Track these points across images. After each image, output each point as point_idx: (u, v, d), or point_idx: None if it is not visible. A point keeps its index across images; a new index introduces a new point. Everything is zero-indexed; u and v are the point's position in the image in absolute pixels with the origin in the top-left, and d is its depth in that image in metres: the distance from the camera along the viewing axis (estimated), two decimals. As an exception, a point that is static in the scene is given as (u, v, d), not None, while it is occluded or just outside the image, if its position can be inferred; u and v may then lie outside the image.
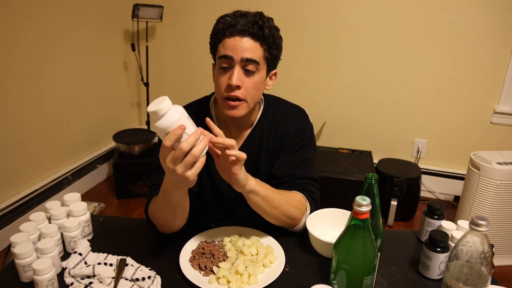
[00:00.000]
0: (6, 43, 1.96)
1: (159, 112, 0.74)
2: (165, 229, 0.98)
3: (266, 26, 0.96)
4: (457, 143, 2.58)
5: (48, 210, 0.99)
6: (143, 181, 2.61)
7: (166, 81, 3.02)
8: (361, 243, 0.72)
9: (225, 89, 0.97)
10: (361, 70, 2.60)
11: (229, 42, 0.95)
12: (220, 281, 0.85)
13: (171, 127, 0.74)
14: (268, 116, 1.11)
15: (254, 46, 0.96)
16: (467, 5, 2.29)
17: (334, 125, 2.70)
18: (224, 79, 0.97)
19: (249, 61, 0.95)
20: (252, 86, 0.98)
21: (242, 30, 0.95)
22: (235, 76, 0.95)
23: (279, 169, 1.08)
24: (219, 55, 0.97)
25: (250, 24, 0.94)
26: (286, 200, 0.98)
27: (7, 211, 2.04)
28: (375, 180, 0.79)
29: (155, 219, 0.97)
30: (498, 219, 1.91)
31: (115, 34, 2.82)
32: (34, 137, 2.20)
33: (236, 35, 0.95)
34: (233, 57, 0.95)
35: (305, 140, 1.11)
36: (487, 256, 0.69)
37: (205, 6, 2.74)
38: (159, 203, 0.91)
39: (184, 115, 0.76)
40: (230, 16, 0.97)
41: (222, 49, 0.97)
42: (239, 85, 0.95)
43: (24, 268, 0.83)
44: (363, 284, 0.74)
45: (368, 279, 0.74)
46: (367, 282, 0.74)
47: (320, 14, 2.53)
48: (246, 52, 0.95)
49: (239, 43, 0.95)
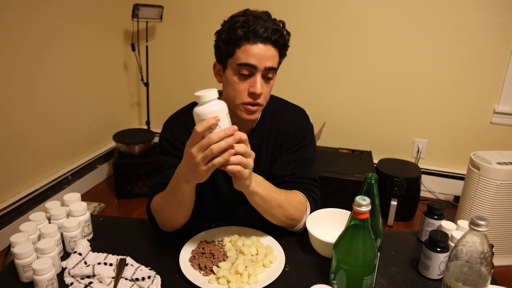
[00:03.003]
0: (6, 42, 1.96)
1: (201, 99, 0.77)
2: (167, 225, 0.98)
3: (284, 31, 0.97)
4: (457, 143, 2.58)
5: (48, 210, 0.99)
6: (143, 181, 2.61)
7: (166, 81, 3.03)
8: (361, 243, 0.72)
9: (246, 96, 0.97)
10: (361, 70, 2.60)
11: (252, 49, 0.93)
12: (220, 281, 0.85)
13: (206, 116, 0.77)
14: (268, 116, 1.11)
15: (274, 54, 0.96)
16: (467, 5, 2.29)
17: (334, 125, 2.71)
18: (244, 85, 0.96)
19: (271, 69, 0.96)
20: (268, 91, 1.01)
21: (266, 38, 0.93)
22: (259, 85, 0.95)
23: (279, 169, 1.09)
24: (240, 62, 0.94)
25: (271, 31, 0.93)
26: (287, 200, 0.98)
27: (7, 211, 2.04)
28: (375, 180, 0.79)
29: (158, 214, 0.97)
30: (498, 219, 1.91)
31: (115, 34, 2.82)
32: (34, 137, 2.20)
33: (259, 42, 0.93)
34: (257, 66, 0.94)
35: (306, 140, 1.11)
36: (487, 256, 0.69)
37: (205, 6, 2.74)
38: (165, 197, 0.93)
39: (223, 111, 0.78)
40: (244, 18, 0.94)
41: (243, 56, 0.93)
42: (262, 93, 0.96)
43: (24, 268, 0.83)
44: (363, 284, 0.74)
45: (368, 279, 0.74)
46: (367, 282, 0.74)
47: (320, 14, 2.53)
48: (269, 60, 0.94)
49: (263, 52, 0.93)
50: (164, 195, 0.94)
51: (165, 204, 0.94)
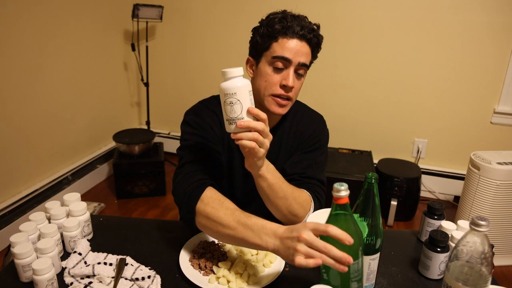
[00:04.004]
0: (5, 42, 1.96)
1: (226, 74, 0.81)
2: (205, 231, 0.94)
3: (318, 33, 1.02)
4: (457, 143, 2.58)
5: (48, 210, 0.99)
6: (143, 181, 2.61)
7: (166, 81, 3.03)
8: (345, 228, 0.72)
9: (277, 88, 1.00)
10: (361, 70, 2.60)
11: (288, 44, 0.98)
12: (220, 280, 0.85)
13: (229, 90, 0.81)
14: (289, 117, 1.15)
15: (308, 52, 1.01)
16: (468, 5, 2.29)
17: (334, 125, 2.69)
18: (277, 77, 1.00)
19: (303, 66, 1.00)
20: (299, 87, 1.04)
21: (302, 35, 0.98)
22: (292, 78, 0.99)
23: (290, 166, 1.11)
24: (275, 54, 0.98)
25: (307, 30, 0.98)
26: (293, 195, 0.99)
27: (7, 211, 2.04)
28: (375, 179, 0.79)
29: (209, 222, 0.89)
30: (498, 219, 1.91)
31: (115, 34, 2.82)
32: (34, 137, 2.20)
33: (295, 38, 0.98)
34: (292, 60, 0.98)
35: (321, 143, 1.17)
36: (487, 256, 0.69)
37: (204, 6, 2.74)
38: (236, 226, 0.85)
39: (247, 88, 0.82)
40: (283, 15, 0.99)
41: (279, 49, 0.98)
42: (294, 86, 1.00)
43: (24, 268, 0.83)
44: (350, 269, 0.73)
45: (355, 264, 0.73)
46: (354, 267, 0.74)
47: (320, 14, 2.53)
48: (303, 56, 0.99)
49: (298, 47, 0.98)
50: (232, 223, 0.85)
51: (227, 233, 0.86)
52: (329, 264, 0.70)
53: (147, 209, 2.51)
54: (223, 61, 2.82)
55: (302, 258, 0.72)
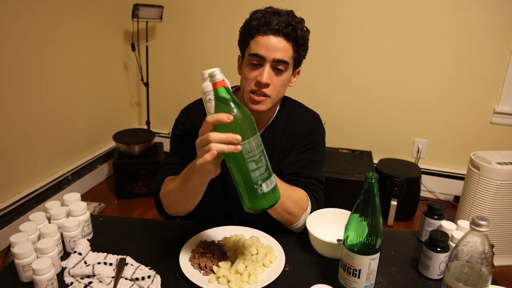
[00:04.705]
0: (5, 42, 1.96)
1: (204, 75, 0.87)
2: (172, 210, 1.00)
3: (299, 27, 0.99)
4: (457, 143, 2.58)
5: (48, 210, 0.99)
6: (143, 181, 2.61)
7: (166, 81, 3.03)
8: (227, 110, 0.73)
9: (253, 84, 1.00)
10: (361, 70, 2.60)
11: (263, 40, 0.97)
12: (220, 280, 0.85)
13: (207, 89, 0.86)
14: (283, 116, 1.14)
15: (286, 46, 0.98)
16: (467, 5, 2.29)
17: (334, 125, 2.71)
18: (253, 74, 1.00)
19: (280, 62, 0.98)
20: (279, 84, 1.02)
21: (276, 30, 0.96)
22: (266, 74, 0.97)
23: (286, 166, 1.10)
24: (251, 52, 0.98)
25: (284, 24, 0.96)
26: (287, 193, 0.98)
27: (7, 211, 2.04)
28: (375, 179, 0.78)
29: (166, 196, 0.99)
30: (498, 219, 1.91)
31: (115, 34, 2.82)
32: (34, 137, 2.20)
33: (270, 34, 0.97)
34: (265, 57, 0.97)
35: (316, 142, 1.14)
36: (487, 256, 0.69)
37: (204, 6, 2.74)
38: (177, 182, 0.93)
39: None
40: (263, 12, 0.99)
41: (254, 46, 0.98)
42: (268, 83, 0.98)
43: (24, 268, 0.83)
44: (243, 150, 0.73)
45: (246, 143, 0.73)
46: (246, 147, 0.73)
47: (320, 14, 2.53)
48: (278, 52, 0.97)
49: (272, 43, 0.97)
50: (176, 180, 0.94)
51: (174, 189, 0.94)
52: (220, 150, 0.72)
53: (147, 209, 2.51)
54: (223, 61, 2.82)
55: (201, 158, 0.75)
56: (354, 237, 0.80)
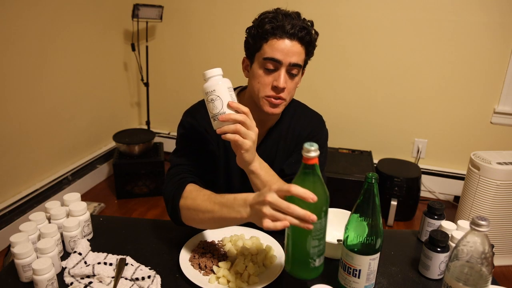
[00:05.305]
0: (5, 42, 1.96)
1: (206, 75, 0.87)
2: (191, 223, 0.95)
3: (311, 32, 0.99)
4: (457, 143, 2.58)
5: (48, 210, 0.99)
6: (143, 181, 2.61)
7: (166, 81, 3.03)
8: (311, 188, 0.72)
9: (269, 89, 0.99)
10: (361, 70, 2.60)
11: (278, 44, 0.95)
12: (220, 280, 0.85)
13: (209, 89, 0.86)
14: (287, 117, 1.14)
15: (300, 50, 0.98)
16: (467, 5, 2.29)
17: (334, 125, 2.70)
18: (269, 79, 0.99)
19: (295, 66, 0.98)
20: (293, 87, 1.02)
21: (292, 34, 0.95)
22: (282, 79, 0.97)
23: (289, 166, 1.11)
24: (266, 56, 0.97)
25: (298, 28, 0.95)
26: None
27: (7, 211, 2.04)
28: (376, 179, 0.78)
29: (190, 211, 0.92)
30: (498, 219, 1.91)
31: (115, 34, 2.82)
32: (34, 137, 2.20)
33: (285, 37, 0.95)
34: (282, 61, 0.96)
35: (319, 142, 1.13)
36: (487, 256, 0.68)
37: (204, 6, 2.74)
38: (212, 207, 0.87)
39: (224, 85, 0.86)
40: (274, 14, 0.97)
41: (269, 50, 0.96)
42: (285, 87, 0.98)
43: (24, 268, 0.83)
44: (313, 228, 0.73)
45: (318, 223, 0.74)
46: (316, 226, 0.74)
47: (320, 14, 2.53)
48: (294, 56, 0.97)
49: (288, 47, 0.96)
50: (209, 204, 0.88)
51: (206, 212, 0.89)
52: (294, 224, 0.71)
53: (147, 209, 2.51)
54: (223, 61, 2.82)
55: (269, 222, 0.72)
56: (354, 237, 0.80)
